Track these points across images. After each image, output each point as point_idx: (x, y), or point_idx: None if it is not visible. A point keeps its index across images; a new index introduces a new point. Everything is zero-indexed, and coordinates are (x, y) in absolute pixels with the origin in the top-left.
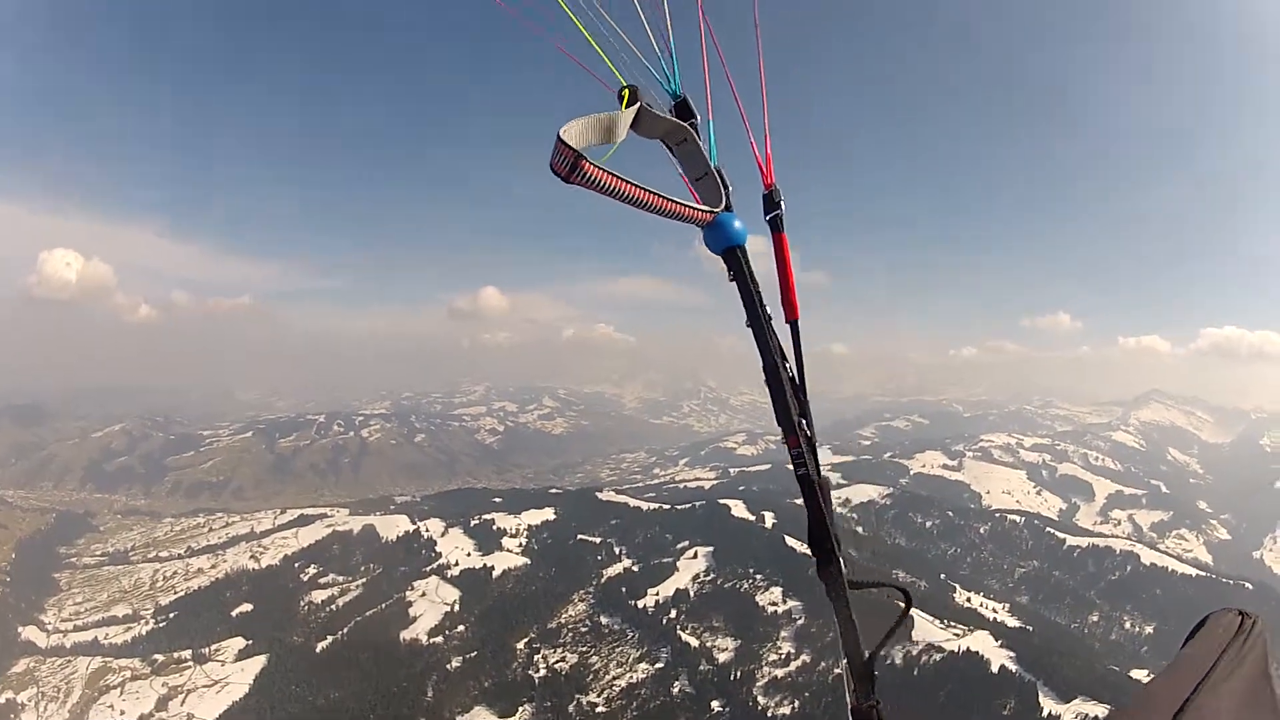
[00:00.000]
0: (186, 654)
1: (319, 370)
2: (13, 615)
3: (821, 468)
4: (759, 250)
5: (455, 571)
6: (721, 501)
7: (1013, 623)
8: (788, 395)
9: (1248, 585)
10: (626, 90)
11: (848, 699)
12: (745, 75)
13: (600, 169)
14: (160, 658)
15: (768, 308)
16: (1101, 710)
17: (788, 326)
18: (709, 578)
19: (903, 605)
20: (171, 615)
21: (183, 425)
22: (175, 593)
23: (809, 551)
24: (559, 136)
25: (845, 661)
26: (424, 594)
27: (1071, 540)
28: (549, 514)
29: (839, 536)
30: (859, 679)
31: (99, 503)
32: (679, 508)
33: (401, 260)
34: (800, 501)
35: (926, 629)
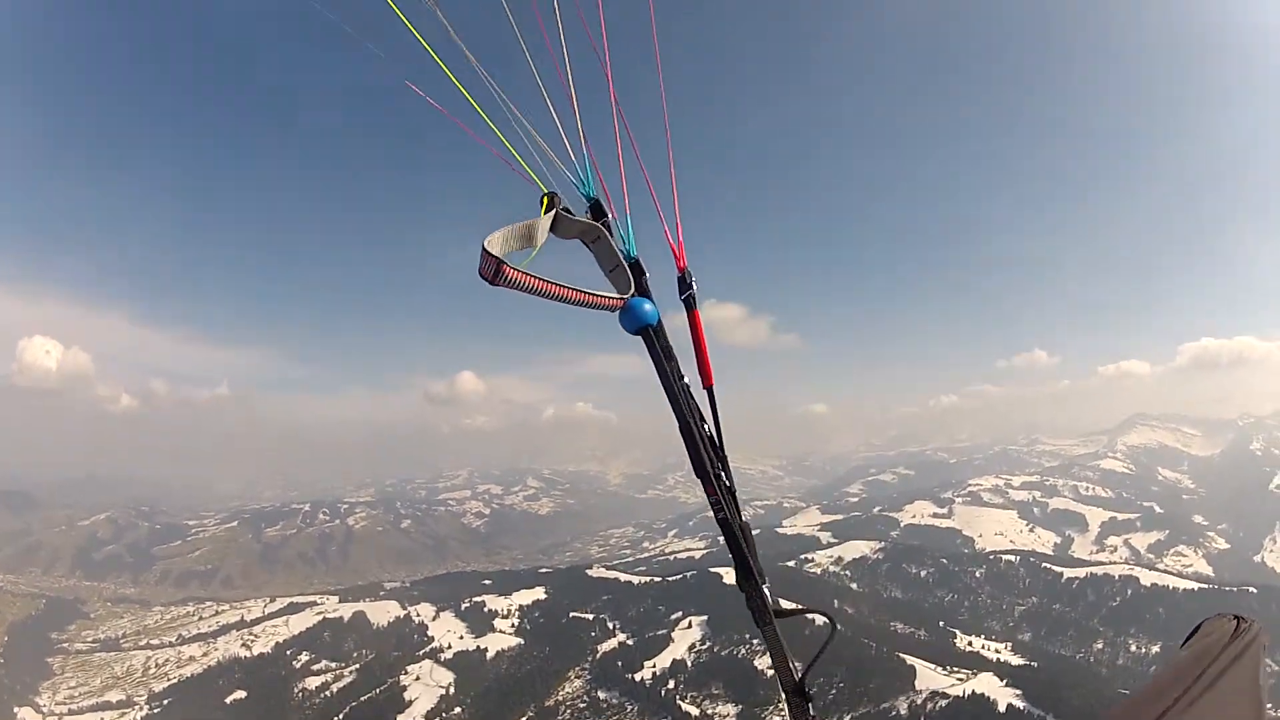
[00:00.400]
0: None
1: (298, 459)
2: (8, 696)
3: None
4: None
5: (449, 654)
6: (713, 570)
7: (1017, 661)
8: (700, 449)
9: (1252, 590)
10: (546, 198)
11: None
12: (660, 169)
13: (520, 271)
14: None
15: (685, 378)
16: None
17: (705, 393)
18: (705, 646)
19: (829, 630)
20: (165, 701)
21: (167, 515)
22: (168, 679)
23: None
24: (483, 246)
25: (779, 682)
26: (418, 678)
27: (1069, 572)
28: (539, 593)
29: (762, 570)
30: (794, 697)
31: (89, 590)
32: (670, 579)
33: (375, 347)
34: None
35: (929, 677)
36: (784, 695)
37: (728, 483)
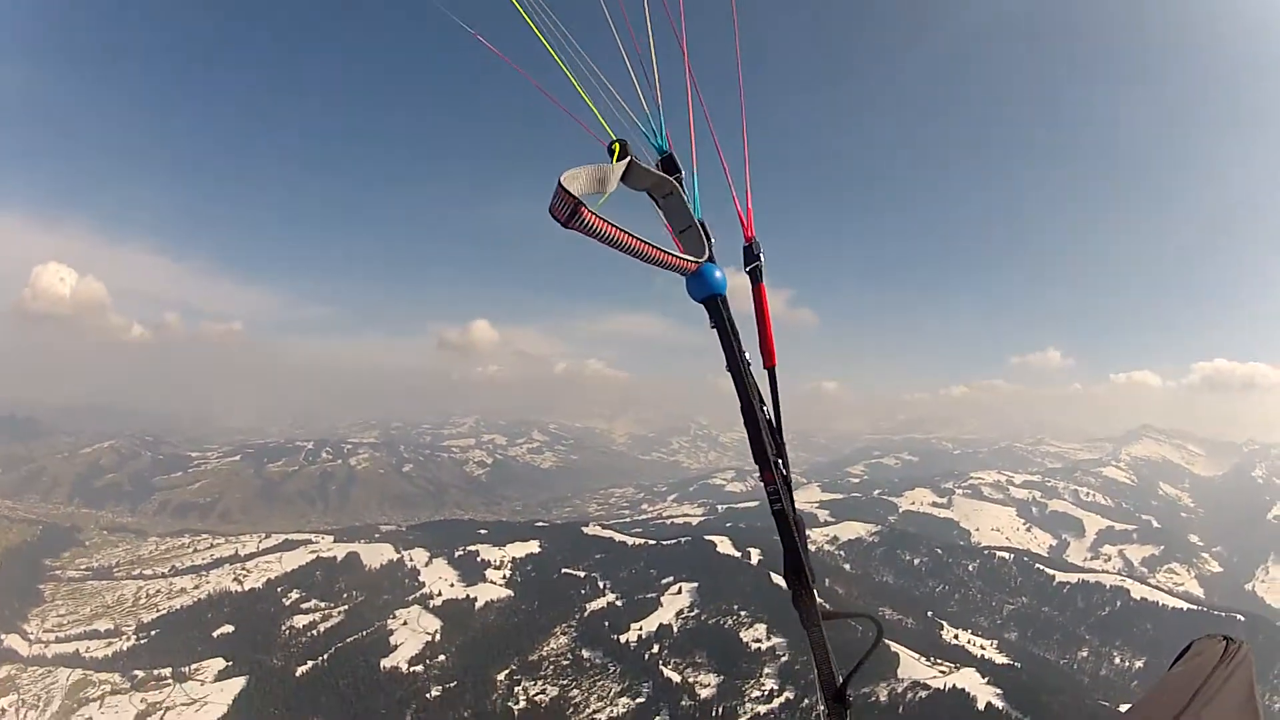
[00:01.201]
0: (166, 672)
1: (308, 398)
2: None
3: (799, 504)
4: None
5: (438, 601)
6: (708, 538)
7: (1001, 660)
8: (764, 435)
9: (1239, 617)
10: (617, 144)
11: None
12: (729, 133)
13: (598, 216)
14: (140, 674)
15: (747, 354)
16: None
17: (766, 373)
18: (693, 614)
19: (875, 635)
20: (153, 633)
21: (172, 446)
22: (158, 610)
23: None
24: (560, 183)
25: (819, 687)
26: (405, 623)
27: (1061, 576)
28: (534, 547)
29: (813, 569)
30: (832, 703)
31: (86, 518)
32: (665, 543)
33: (393, 291)
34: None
35: (912, 666)
36: (822, 700)
37: (785, 471)
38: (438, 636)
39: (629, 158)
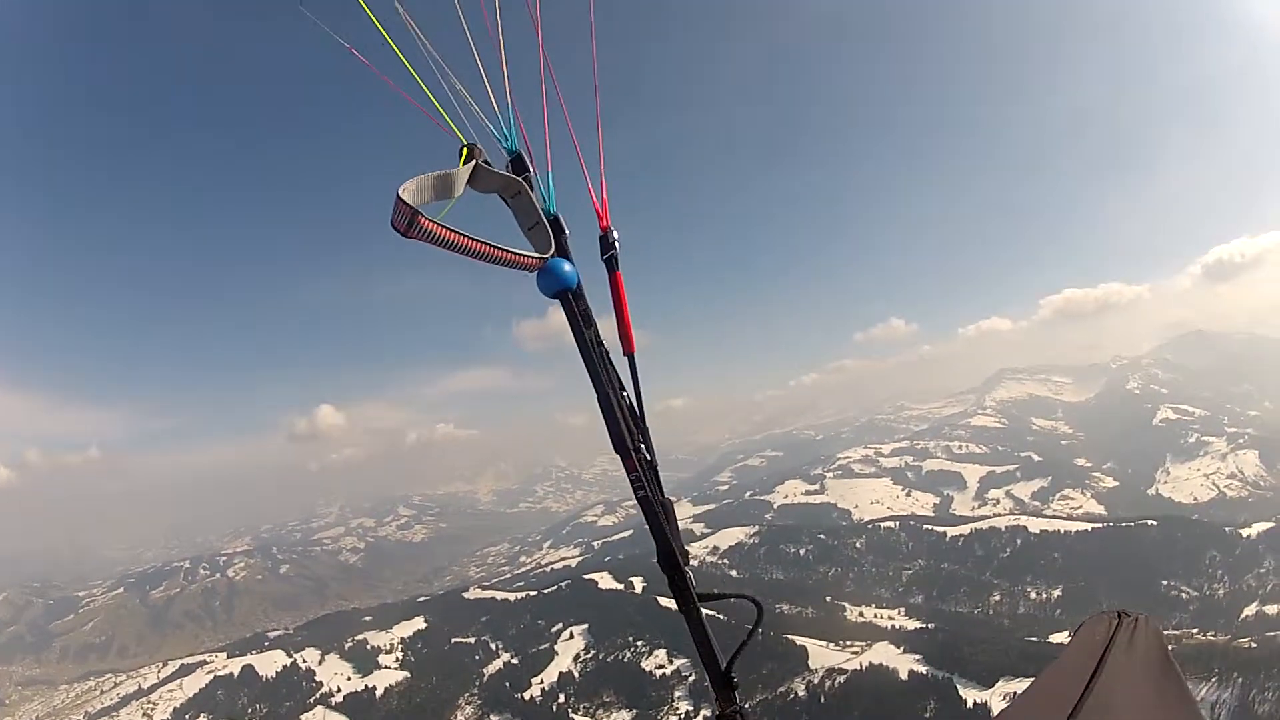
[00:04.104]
0: None
1: (175, 514)
2: None
3: (664, 489)
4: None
5: (339, 698)
6: (588, 577)
7: (913, 626)
8: (620, 422)
9: (1151, 522)
10: (465, 149)
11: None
12: (583, 126)
13: (434, 223)
14: None
15: (604, 344)
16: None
17: (626, 360)
18: (590, 655)
19: (756, 615)
20: None
21: (59, 588)
22: None
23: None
24: (398, 194)
25: (705, 670)
26: None
27: (953, 531)
28: (419, 623)
29: (685, 551)
30: (719, 688)
31: (1, 675)
32: (546, 591)
33: (234, 393)
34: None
35: (823, 654)
36: (710, 684)
37: (649, 456)
38: None
39: (474, 161)
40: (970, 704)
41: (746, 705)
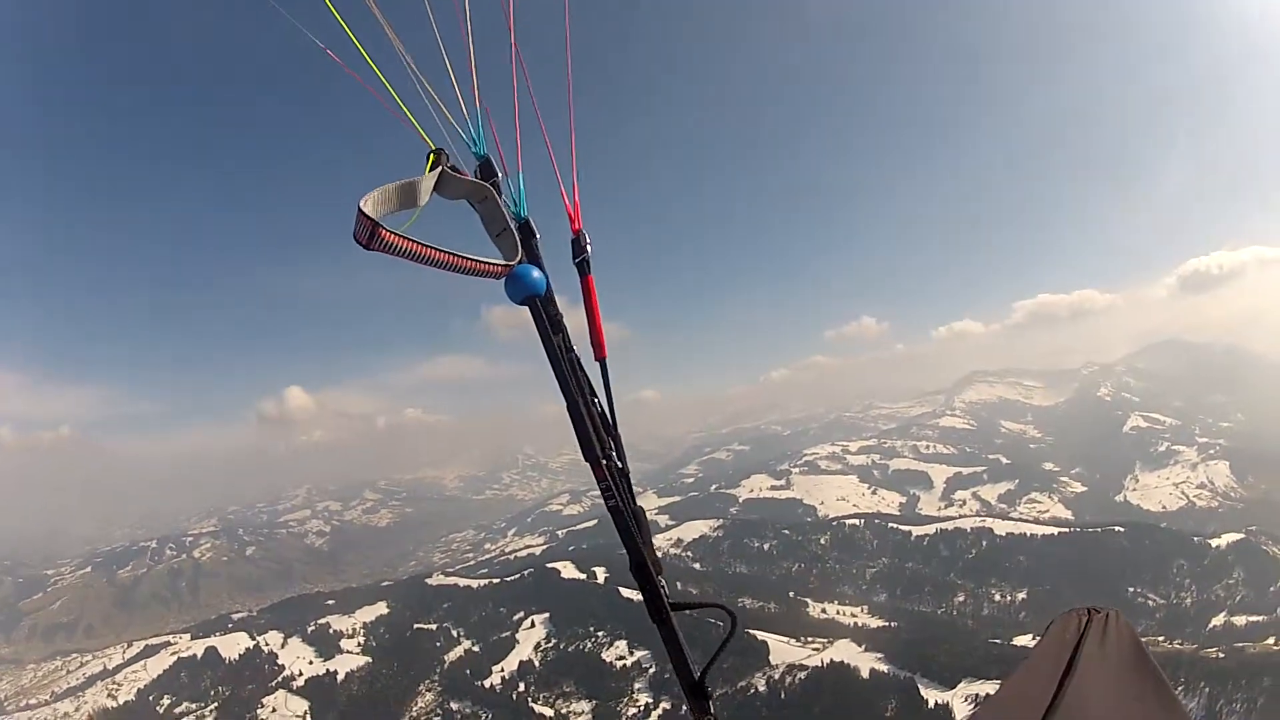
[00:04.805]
0: None
1: (145, 494)
2: None
3: (637, 498)
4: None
5: (301, 682)
6: (550, 566)
7: (875, 624)
8: (590, 430)
9: (1118, 529)
10: (432, 154)
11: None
12: (555, 126)
13: (397, 235)
14: None
15: (575, 350)
16: (993, 688)
17: (598, 365)
18: (550, 644)
19: (729, 625)
20: None
21: (29, 566)
22: None
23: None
24: (359, 207)
25: (679, 681)
26: (274, 710)
27: (918, 530)
28: (382, 609)
29: (658, 561)
30: (693, 697)
31: None
32: (508, 579)
33: (204, 373)
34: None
35: (785, 650)
36: (683, 694)
37: (619, 464)
38: (308, 718)
39: (441, 167)
40: (932, 704)
41: (712, 688)
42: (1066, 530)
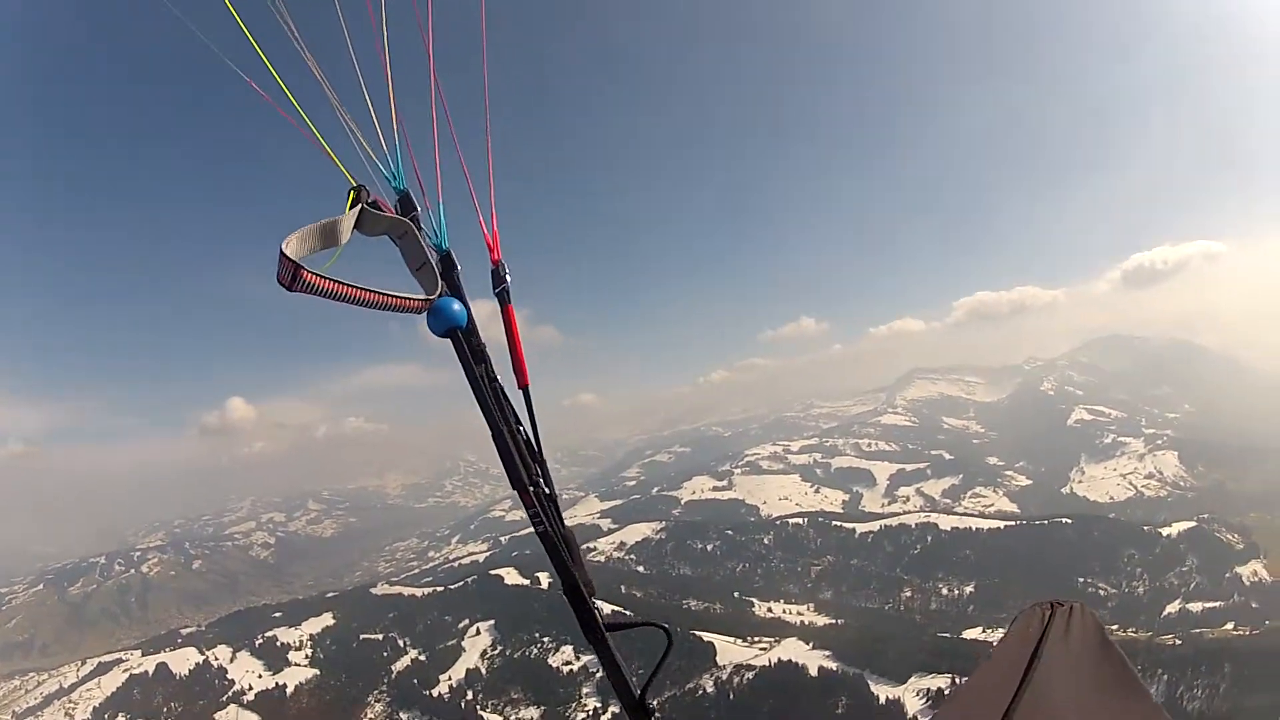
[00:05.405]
0: None
1: (94, 509)
2: None
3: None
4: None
5: (251, 696)
6: (494, 572)
7: (822, 621)
8: (516, 458)
9: (1066, 520)
10: (352, 191)
11: None
12: (473, 158)
13: (318, 275)
14: None
15: (498, 379)
16: (944, 681)
17: (521, 393)
18: (497, 651)
19: (666, 643)
20: None
21: None
22: None
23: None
24: (281, 249)
25: (619, 699)
26: None
27: (862, 527)
28: (328, 619)
29: (590, 583)
30: (634, 714)
31: None
32: (452, 587)
33: (147, 385)
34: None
35: (730, 651)
36: (625, 711)
37: (547, 490)
38: None
39: (361, 204)
40: (883, 700)
41: (655, 703)
42: (1013, 523)
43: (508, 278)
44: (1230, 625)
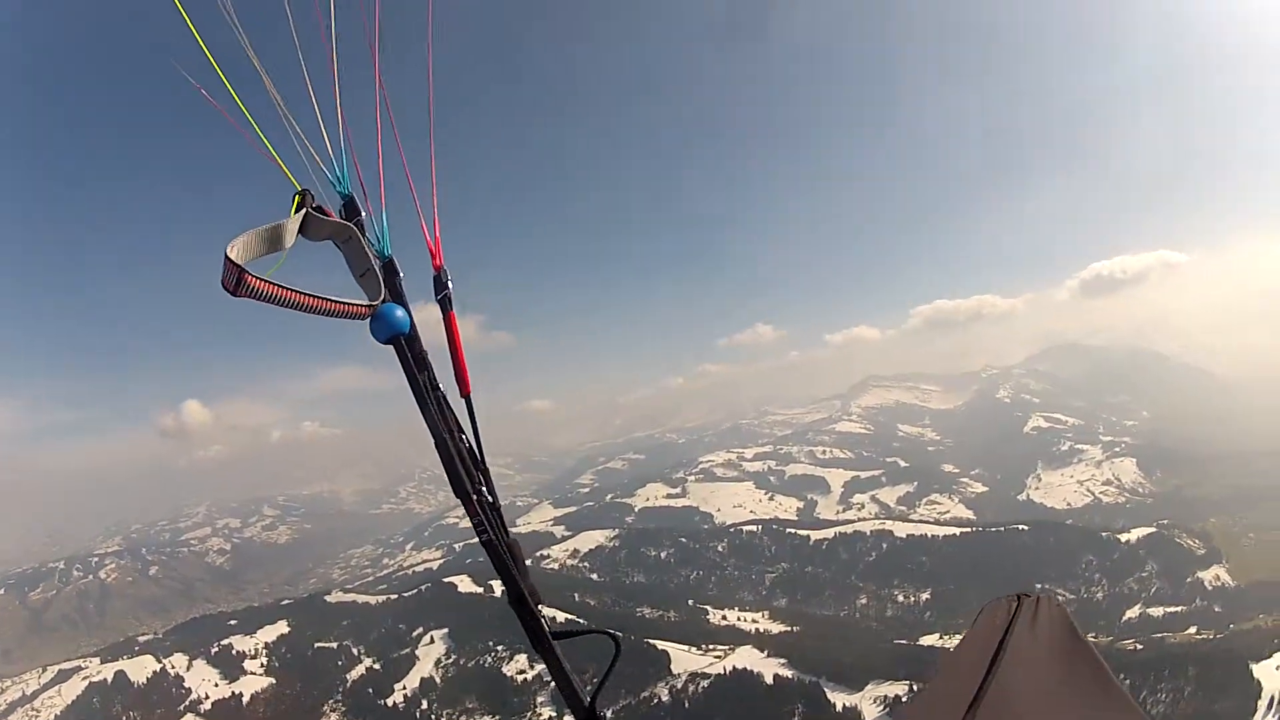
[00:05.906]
0: None
1: (54, 511)
2: None
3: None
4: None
5: (208, 705)
6: (448, 580)
7: (777, 629)
8: (459, 466)
9: (1022, 527)
10: (297, 196)
11: None
12: (416, 162)
13: (262, 280)
14: None
15: (441, 387)
16: (901, 688)
17: (463, 402)
18: (450, 660)
19: (614, 650)
20: None
21: None
22: None
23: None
24: (225, 254)
25: (568, 708)
26: None
27: (816, 535)
28: (283, 627)
29: (536, 592)
30: None
31: None
32: (406, 595)
33: (103, 385)
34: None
35: (685, 659)
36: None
37: (490, 498)
38: None
39: (304, 210)
40: (840, 707)
41: (609, 711)
42: (969, 530)
43: (450, 284)
44: (1193, 630)
